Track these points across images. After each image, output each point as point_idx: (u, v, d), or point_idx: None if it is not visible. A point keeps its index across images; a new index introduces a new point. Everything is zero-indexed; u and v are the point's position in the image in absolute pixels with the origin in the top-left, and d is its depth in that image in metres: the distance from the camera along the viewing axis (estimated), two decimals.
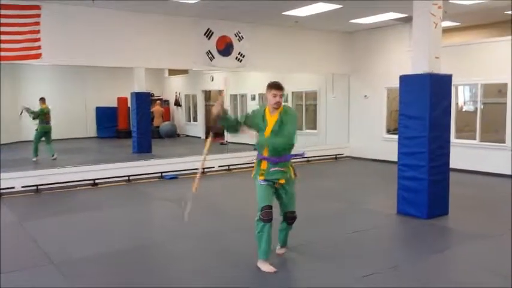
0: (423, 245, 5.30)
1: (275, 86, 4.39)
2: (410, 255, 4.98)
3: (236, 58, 10.51)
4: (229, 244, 5.35)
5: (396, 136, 6.78)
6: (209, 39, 10.11)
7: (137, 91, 13.61)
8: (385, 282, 4.16)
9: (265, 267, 4.38)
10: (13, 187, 8.27)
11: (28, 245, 5.38)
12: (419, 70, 6.34)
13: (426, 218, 6.18)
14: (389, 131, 11.89)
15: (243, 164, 10.87)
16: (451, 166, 6.62)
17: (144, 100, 13.79)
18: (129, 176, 9.49)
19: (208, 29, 10.07)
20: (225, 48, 10.32)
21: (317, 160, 12.05)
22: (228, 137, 17.10)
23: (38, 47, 8.36)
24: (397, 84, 6.63)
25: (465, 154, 9.88)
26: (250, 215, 6.59)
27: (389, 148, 10.20)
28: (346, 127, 12.93)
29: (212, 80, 17.97)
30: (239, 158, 11.20)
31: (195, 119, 19.63)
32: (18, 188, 8.30)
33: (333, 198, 7.70)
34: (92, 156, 13.00)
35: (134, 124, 13.64)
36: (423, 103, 6.20)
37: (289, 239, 4.99)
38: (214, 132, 4.74)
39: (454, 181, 6.88)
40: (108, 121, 19.23)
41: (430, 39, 6.31)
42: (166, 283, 4.21)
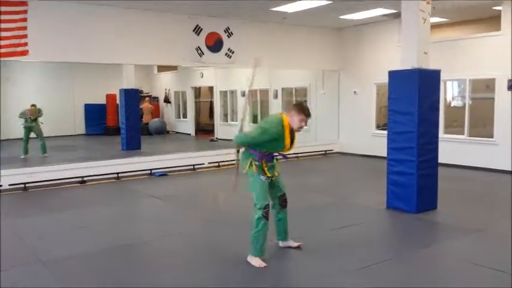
0: (412, 239, 5.33)
1: (308, 115, 4.49)
2: (399, 249, 5.01)
3: (226, 54, 10.48)
4: (219, 241, 5.33)
5: (385, 132, 6.81)
6: (198, 35, 10.06)
7: (126, 88, 13.52)
8: (375, 275, 4.17)
9: (257, 262, 4.39)
10: (0, 185, 8.18)
11: (16, 243, 5.32)
12: (408, 66, 6.36)
13: (415, 213, 6.22)
14: (378, 127, 11.94)
15: (235, 160, 10.88)
16: (440, 161, 6.67)
17: (133, 97, 13.71)
18: (118, 174, 9.43)
19: (197, 26, 10.02)
20: (215, 44, 10.29)
21: (307, 156, 12.07)
22: (218, 134, 17.10)
23: (25, 44, 8.25)
24: (386, 80, 6.66)
25: (454, 149, 9.96)
26: (240, 212, 6.60)
27: (378, 143, 10.25)
28: (335, 123, 12.97)
29: (202, 77, 17.91)
30: (229, 155, 11.19)
31: (185, 116, 19.56)
32: (5, 186, 8.20)
33: (323, 193, 7.71)
34: (81, 153, 12.89)
35: (123, 121, 13.55)
36: (412, 98, 6.23)
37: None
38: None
39: (443, 176, 6.93)
40: (96, 118, 19.11)
41: (419, 34, 6.34)
42: (156, 280, 4.19)
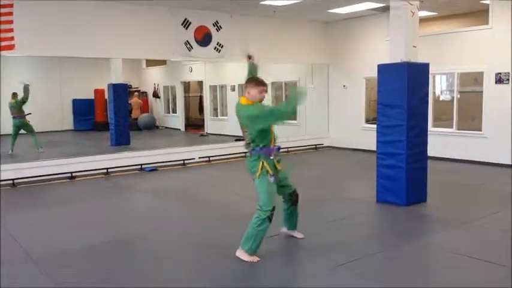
0: (402, 232, 5.36)
1: (262, 83, 4.51)
2: (389, 242, 5.04)
3: (215, 48, 10.42)
4: (211, 236, 5.32)
5: (375, 126, 6.83)
6: (187, 29, 9.99)
7: (114, 82, 13.39)
8: (365, 268, 4.20)
9: (248, 257, 4.38)
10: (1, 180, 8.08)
11: (5, 240, 5.25)
12: (397, 59, 6.38)
13: (405, 205, 6.26)
14: (368, 121, 11.99)
15: (226, 155, 10.88)
16: (429, 154, 6.70)
17: (122, 92, 13.58)
18: (108, 169, 9.36)
19: (185, 19, 9.95)
20: (203, 38, 10.22)
21: (297, 150, 12.09)
22: (208, 129, 17.05)
23: (11, 38, 8.12)
24: (375, 74, 6.67)
25: (442, 142, 10.03)
26: (231, 206, 6.60)
27: (368, 137, 10.28)
28: (325, 117, 12.99)
29: (191, 71, 17.81)
30: (219, 149, 11.20)
31: (174, 111, 19.46)
32: None
33: (313, 187, 7.72)
34: (69, 149, 12.78)
35: (112, 116, 13.44)
36: (401, 92, 6.25)
37: (270, 229, 4.99)
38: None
39: (432, 169, 6.97)
40: (85, 113, 18.92)
41: (408, 28, 6.35)
42: (147, 275, 4.17)
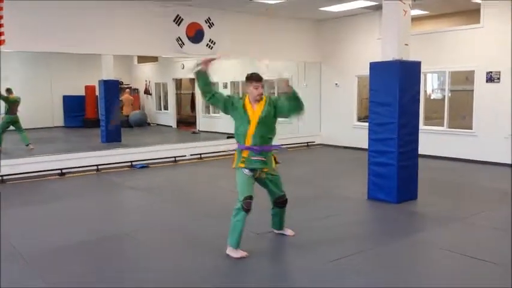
0: (393, 229, 5.38)
1: (256, 78, 4.44)
2: (380, 239, 5.05)
3: (207, 45, 10.38)
4: (202, 233, 5.30)
5: (367, 124, 6.84)
6: (179, 25, 9.93)
7: (105, 79, 13.29)
8: (356, 265, 4.20)
9: (236, 254, 4.37)
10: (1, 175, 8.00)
11: None
12: (388, 57, 6.39)
13: (396, 203, 6.28)
14: (360, 119, 12.02)
15: (217, 152, 10.85)
16: (420, 152, 6.73)
17: (113, 88, 13.48)
18: (98, 166, 9.29)
19: (177, 16, 9.89)
20: (196, 35, 10.17)
21: (289, 148, 12.09)
22: (200, 126, 17.00)
23: (1, 33, 8.02)
24: (367, 72, 6.68)
25: (433, 140, 10.08)
26: (222, 203, 6.57)
27: (360, 135, 10.31)
28: (317, 115, 13.00)
29: (183, 68, 17.72)
30: (211, 147, 11.17)
31: (166, 108, 19.37)
32: None
33: (305, 184, 7.73)
34: (59, 145, 12.68)
35: (102, 113, 13.34)
36: (393, 90, 6.27)
37: (261, 226, 5.00)
38: None
39: (423, 166, 7.00)
40: (75, 110, 18.77)
41: (400, 26, 6.37)
42: (138, 272, 4.14)
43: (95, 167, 9.25)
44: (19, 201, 6.97)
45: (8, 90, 11.60)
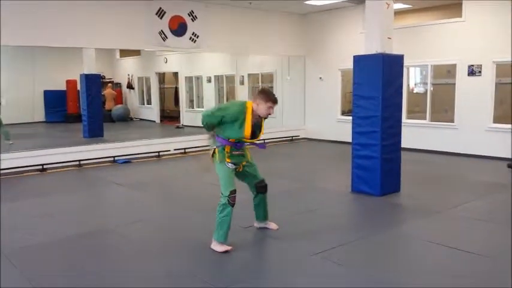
0: (376, 221, 5.41)
1: (275, 100, 4.44)
2: (363, 231, 5.06)
3: (190, 38, 10.28)
4: (185, 228, 5.27)
5: (350, 118, 6.86)
6: (161, 18, 9.82)
7: (87, 73, 13.10)
8: (340, 257, 4.21)
9: (221, 248, 4.35)
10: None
11: None
12: (372, 50, 6.40)
13: (379, 195, 6.32)
14: (344, 113, 12.06)
15: (201, 147, 10.79)
16: (403, 145, 6.78)
17: (95, 82, 13.30)
18: (80, 161, 9.17)
19: (160, 8, 9.77)
20: (178, 28, 10.06)
21: (273, 142, 12.08)
22: (184, 121, 16.89)
23: None
24: (351, 65, 6.68)
25: (416, 133, 10.18)
26: (206, 198, 6.54)
27: (344, 129, 10.34)
28: (302, 109, 13.01)
29: (166, 62, 17.59)
30: (195, 141, 11.09)
31: (149, 102, 19.20)
32: None
33: (288, 178, 7.73)
34: (40, 141, 12.46)
35: (84, 108, 13.16)
36: (376, 83, 6.28)
37: (243, 220, 4.97)
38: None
39: (406, 159, 7.06)
40: (57, 105, 18.51)
41: (383, 19, 6.38)
42: (122, 268, 4.09)
43: (77, 163, 9.12)
44: None
45: None
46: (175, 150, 10.60)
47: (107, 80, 19.48)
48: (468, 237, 4.83)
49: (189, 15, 10.22)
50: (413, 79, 11.92)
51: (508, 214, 5.59)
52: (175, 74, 18.12)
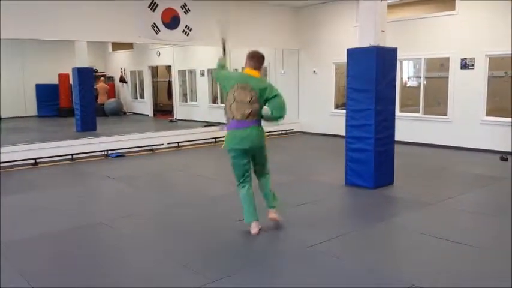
0: (370, 214, 5.43)
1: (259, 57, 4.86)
2: (357, 224, 5.08)
3: (183, 31, 10.22)
4: (179, 222, 5.25)
5: (344, 111, 6.86)
6: (154, 11, 9.74)
7: (79, 67, 13.00)
8: (335, 249, 4.22)
9: (251, 229, 4.64)
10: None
11: None
12: (365, 43, 6.39)
13: (373, 188, 6.33)
14: (337, 106, 12.06)
15: (195, 141, 10.77)
16: (396, 138, 6.80)
17: (87, 76, 13.20)
18: (73, 155, 9.11)
19: (152, 1, 9.68)
20: (171, 21, 9.99)
21: (267, 136, 12.02)
22: (177, 115, 16.83)
23: None
24: (345, 59, 6.66)
25: (409, 127, 10.20)
26: (200, 191, 6.53)
27: (337, 123, 10.34)
28: (295, 102, 12.99)
29: (159, 56, 17.49)
30: (189, 135, 11.07)
31: (142, 96, 19.11)
32: None
33: (283, 171, 7.72)
34: (32, 135, 12.37)
35: (77, 101, 13.07)
36: (370, 76, 6.27)
37: (241, 211, 4.95)
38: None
39: (399, 152, 7.07)
40: (49, 99, 18.36)
41: (376, 12, 6.36)
42: (116, 262, 4.08)
43: (70, 157, 9.06)
44: None
45: None
46: (168, 144, 10.56)
47: (100, 74, 19.36)
48: (461, 228, 4.85)
49: (182, 8, 10.15)
50: (406, 72, 11.93)
51: (501, 206, 5.63)
52: (168, 68, 18.03)
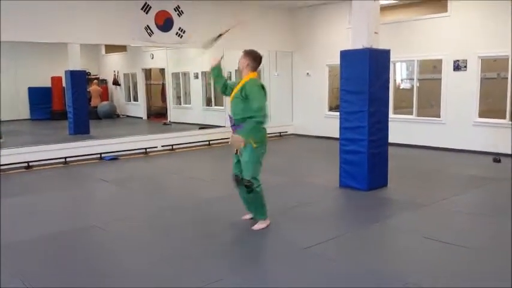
0: (364, 215, 5.44)
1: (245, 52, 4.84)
2: (351, 226, 5.09)
3: (176, 34, 10.20)
4: (172, 223, 5.23)
5: (338, 113, 6.88)
6: (147, 13, 9.71)
7: (72, 69, 12.94)
8: (329, 251, 4.23)
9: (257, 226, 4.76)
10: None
11: None
12: (358, 45, 6.41)
13: (366, 190, 6.34)
14: (331, 109, 12.08)
15: (189, 143, 10.75)
16: (390, 140, 6.81)
17: (80, 79, 13.14)
18: (66, 158, 9.05)
19: (145, 3, 9.66)
20: (165, 23, 9.96)
21: None
22: (171, 117, 16.79)
23: None
24: (338, 61, 6.68)
25: (403, 129, 10.23)
26: (194, 194, 6.51)
27: (331, 125, 10.35)
28: (289, 105, 13.00)
29: (152, 58, 17.44)
30: (183, 138, 11.04)
31: (136, 99, 19.04)
32: None
33: (277, 173, 7.72)
34: (25, 138, 12.31)
35: (70, 104, 13.01)
36: (363, 78, 6.29)
37: (236, 214, 4.95)
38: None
39: (393, 154, 7.09)
40: (42, 102, 18.24)
41: (369, 14, 6.39)
42: (106, 264, 4.05)
43: (63, 160, 9.01)
44: None
45: None
46: (162, 147, 10.53)
47: (93, 77, 19.26)
48: (456, 229, 4.87)
49: (175, 10, 10.13)
50: (399, 74, 11.98)
51: (495, 207, 5.67)
52: (162, 70, 17.98)
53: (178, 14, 10.17)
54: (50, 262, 4.17)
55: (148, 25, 9.74)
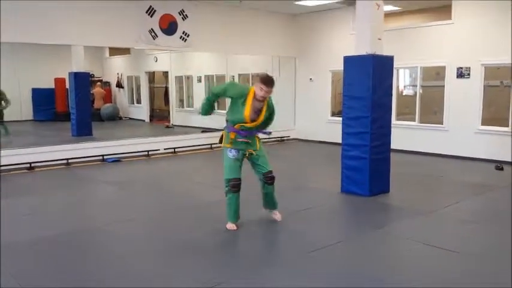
0: (365, 221, 5.43)
1: (265, 82, 4.68)
2: (352, 231, 5.09)
3: (180, 37, 10.23)
4: (174, 226, 5.24)
5: (340, 119, 6.88)
6: (151, 17, 9.75)
7: (76, 71, 12.99)
8: (331, 256, 4.22)
9: (228, 226, 4.86)
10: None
11: None
12: (362, 51, 6.42)
13: (368, 196, 6.34)
14: (334, 114, 12.08)
15: (192, 147, 10.76)
16: (392, 146, 6.81)
17: (84, 81, 13.19)
18: (68, 160, 9.07)
19: (150, 7, 9.70)
20: (169, 27, 10.00)
21: (264, 142, 12.02)
22: (174, 120, 16.82)
23: None
24: (341, 67, 6.69)
25: (405, 135, 10.22)
26: (196, 197, 6.52)
27: (334, 130, 10.36)
28: (292, 110, 13.02)
29: (156, 61, 17.50)
30: (185, 141, 11.06)
31: (139, 102, 19.09)
32: None
33: (280, 178, 7.61)
34: (28, 139, 12.34)
35: (73, 106, 13.05)
36: (366, 84, 6.30)
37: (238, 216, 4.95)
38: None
39: (395, 160, 7.09)
40: (45, 103, 18.31)
41: (373, 20, 6.40)
42: (108, 266, 4.06)
43: (65, 161, 9.03)
44: None
45: None
46: (165, 149, 10.55)
47: (96, 79, 19.33)
48: (456, 237, 4.86)
49: (180, 14, 10.17)
50: (402, 81, 11.99)
51: (497, 215, 5.65)
52: (165, 74, 18.03)
53: (182, 18, 10.21)
54: (48, 263, 4.15)
55: (152, 28, 9.78)
